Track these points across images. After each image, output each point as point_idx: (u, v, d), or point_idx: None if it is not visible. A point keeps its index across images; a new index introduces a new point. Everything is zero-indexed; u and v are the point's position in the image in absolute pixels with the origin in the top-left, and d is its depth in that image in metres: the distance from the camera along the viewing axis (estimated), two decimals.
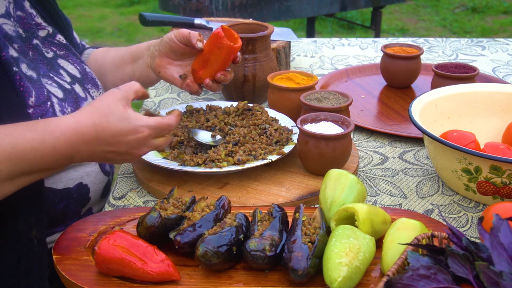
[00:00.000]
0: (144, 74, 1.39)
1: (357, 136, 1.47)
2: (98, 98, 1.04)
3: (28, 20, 1.25)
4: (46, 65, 1.24)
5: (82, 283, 0.91)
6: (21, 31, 1.22)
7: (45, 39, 1.28)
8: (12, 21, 1.19)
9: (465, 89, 1.38)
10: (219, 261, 0.91)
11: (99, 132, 1.00)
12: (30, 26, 1.25)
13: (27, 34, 1.23)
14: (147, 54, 1.38)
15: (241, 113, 1.35)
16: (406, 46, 1.72)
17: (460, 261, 0.78)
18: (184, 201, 1.05)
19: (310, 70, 1.91)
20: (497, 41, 2.21)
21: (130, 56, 1.42)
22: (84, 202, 1.26)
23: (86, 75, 1.32)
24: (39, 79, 1.18)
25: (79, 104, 1.24)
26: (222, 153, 1.21)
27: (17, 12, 1.22)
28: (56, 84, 1.22)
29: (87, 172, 1.25)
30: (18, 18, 1.22)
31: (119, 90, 1.05)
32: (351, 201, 1.03)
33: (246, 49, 1.51)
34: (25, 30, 1.23)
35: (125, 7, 6.80)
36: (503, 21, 6.21)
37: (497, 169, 1.08)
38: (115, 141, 1.02)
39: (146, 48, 1.39)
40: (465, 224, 1.13)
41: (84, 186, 1.24)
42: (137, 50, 1.42)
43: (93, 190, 1.27)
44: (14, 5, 1.21)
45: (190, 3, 3.58)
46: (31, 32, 1.24)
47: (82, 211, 1.27)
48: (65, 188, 1.20)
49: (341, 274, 0.86)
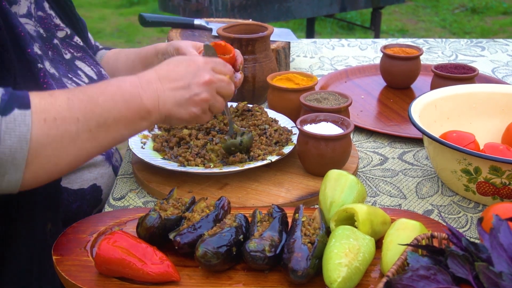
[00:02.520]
0: None
1: (356, 137, 1.47)
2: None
3: (48, 20, 1.26)
4: (65, 66, 1.25)
5: (82, 284, 0.91)
6: (42, 31, 1.23)
7: (63, 40, 1.29)
8: (33, 21, 1.20)
9: (465, 90, 1.38)
10: (218, 262, 0.91)
11: (158, 72, 1.04)
12: (50, 26, 1.26)
13: (48, 34, 1.24)
14: (157, 62, 1.38)
15: (240, 113, 1.35)
16: (405, 46, 1.73)
17: (460, 262, 0.78)
18: (183, 201, 1.05)
19: (310, 71, 1.91)
20: (496, 41, 2.21)
21: (140, 62, 1.44)
22: (96, 203, 1.27)
23: (102, 77, 1.34)
24: (60, 78, 1.19)
25: None
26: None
27: (38, 13, 1.22)
28: (75, 84, 1.23)
29: (101, 174, 1.26)
30: (39, 18, 1.22)
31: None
32: (351, 202, 1.03)
33: (246, 50, 1.51)
34: (46, 30, 1.24)
35: (124, 8, 6.80)
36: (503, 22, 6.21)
37: (497, 170, 1.08)
38: (176, 75, 1.04)
39: (155, 54, 1.40)
40: (464, 225, 1.13)
41: (97, 187, 1.25)
42: (146, 55, 1.43)
43: (106, 192, 1.29)
44: (35, 5, 1.22)
45: (190, 4, 3.58)
46: (51, 32, 1.25)
47: (94, 212, 1.28)
48: (80, 189, 1.21)
49: (340, 275, 0.86)
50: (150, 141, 1.31)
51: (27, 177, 0.91)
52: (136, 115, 1.00)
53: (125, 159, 1.36)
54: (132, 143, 1.28)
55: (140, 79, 1.01)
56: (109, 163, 1.33)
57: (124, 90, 0.99)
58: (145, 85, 1.01)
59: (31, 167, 0.90)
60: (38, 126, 0.90)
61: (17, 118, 0.88)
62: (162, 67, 1.05)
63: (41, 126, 0.90)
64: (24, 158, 0.89)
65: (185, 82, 1.04)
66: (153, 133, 1.34)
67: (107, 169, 1.29)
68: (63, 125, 0.92)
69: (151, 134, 1.34)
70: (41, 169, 0.92)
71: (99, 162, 1.30)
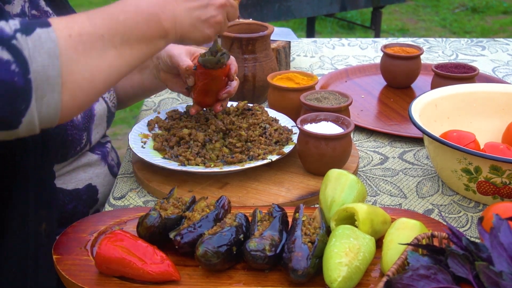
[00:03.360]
0: (153, 83, 1.42)
1: (357, 136, 1.47)
2: None
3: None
4: None
5: (82, 283, 0.91)
6: None
7: None
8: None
9: (465, 89, 1.38)
10: (219, 261, 0.91)
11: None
12: None
13: None
14: (152, 66, 1.39)
15: (241, 113, 1.35)
16: (406, 46, 1.72)
17: (460, 261, 0.78)
18: (184, 201, 1.05)
19: (310, 70, 1.91)
20: (497, 41, 2.21)
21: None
22: (92, 203, 1.26)
23: None
24: None
25: (93, 106, 1.26)
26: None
27: (32, 11, 1.22)
28: None
29: (96, 173, 1.25)
30: (33, 17, 1.22)
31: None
32: (351, 201, 1.03)
33: (246, 49, 1.51)
34: None
35: None
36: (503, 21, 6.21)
37: (497, 169, 1.08)
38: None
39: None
40: (465, 224, 1.13)
41: (93, 187, 1.25)
42: None
43: (102, 191, 1.28)
44: (29, 4, 1.22)
45: None
46: None
47: (90, 212, 1.28)
48: (75, 189, 1.21)
49: (341, 274, 0.86)
50: (151, 140, 1.31)
51: (66, 98, 0.89)
52: (155, 34, 1.00)
53: (125, 158, 1.36)
54: (132, 142, 1.28)
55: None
56: (104, 163, 1.32)
57: (143, 10, 0.98)
58: (162, 5, 1.00)
59: (67, 85, 0.88)
60: (64, 42, 0.88)
61: (42, 35, 0.86)
62: None
63: (67, 41, 0.89)
64: (58, 75, 0.87)
65: (203, 2, 1.05)
66: (154, 132, 1.34)
67: (103, 168, 1.29)
68: (90, 41, 0.91)
69: (151, 133, 1.34)
70: (77, 88, 0.90)
71: (94, 162, 1.29)
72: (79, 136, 1.21)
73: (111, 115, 1.35)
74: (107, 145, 1.38)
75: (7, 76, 0.83)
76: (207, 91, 1.28)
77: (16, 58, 0.84)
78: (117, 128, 3.83)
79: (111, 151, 1.40)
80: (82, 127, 1.22)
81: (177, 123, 1.33)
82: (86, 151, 1.28)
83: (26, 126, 0.87)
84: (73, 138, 1.19)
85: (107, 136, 1.42)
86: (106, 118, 1.33)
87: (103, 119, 1.31)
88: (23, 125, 0.87)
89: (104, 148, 1.35)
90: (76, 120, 1.20)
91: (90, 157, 1.28)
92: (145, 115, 1.59)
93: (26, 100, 0.85)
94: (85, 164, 1.26)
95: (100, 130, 1.31)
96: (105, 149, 1.35)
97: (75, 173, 1.22)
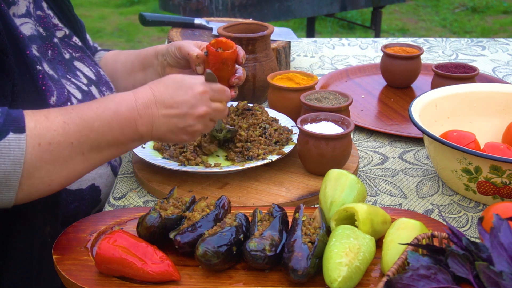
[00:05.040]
0: None
1: (357, 136, 1.47)
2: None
3: (47, 20, 1.26)
4: (64, 66, 1.25)
5: (82, 283, 0.91)
6: (42, 30, 1.23)
7: (62, 40, 1.29)
8: (32, 21, 1.20)
9: (465, 89, 1.38)
10: (219, 261, 0.91)
11: (156, 94, 1.05)
12: (49, 26, 1.25)
13: (47, 33, 1.24)
14: (157, 64, 1.39)
15: (241, 112, 1.35)
16: (406, 46, 1.72)
17: (460, 261, 0.78)
18: (184, 201, 1.05)
19: (310, 70, 1.91)
20: (497, 41, 2.21)
21: (140, 63, 1.43)
22: (95, 203, 1.27)
23: (100, 77, 1.33)
24: (59, 79, 1.18)
25: None
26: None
27: (37, 12, 1.22)
28: (74, 85, 1.23)
29: (99, 174, 1.26)
30: (38, 17, 1.22)
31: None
32: (351, 201, 1.03)
33: (246, 49, 1.51)
34: (45, 29, 1.24)
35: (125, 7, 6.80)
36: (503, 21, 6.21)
37: (497, 169, 1.08)
38: (173, 102, 1.05)
39: (154, 56, 1.39)
40: (465, 224, 1.13)
41: (96, 187, 1.25)
42: (145, 57, 1.42)
43: (104, 192, 1.28)
44: (34, 5, 1.22)
45: (190, 3, 3.58)
46: (51, 32, 1.25)
47: (92, 212, 1.28)
48: (78, 189, 1.21)
49: (341, 274, 0.86)
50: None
51: (20, 196, 0.95)
52: (129, 138, 1.03)
53: (125, 158, 1.36)
54: None
55: (137, 102, 1.03)
56: (107, 163, 1.33)
57: (121, 115, 1.01)
58: (141, 110, 1.03)
59: (24, 187, 0.94)
60: (32, 150, 0.92)
61: (12, 142, 0.91)
62: (159, 88, 1.06)
63: (35, 150, 0.93)
64: (17, 180, 0.92)
65: (181, 111, 1.06)
66: None
67: (106, 169, 1.29)
68: (57, 150, 0.95)
69: None
70: (34, 189, 0.95)
71: None
72: None
73: None
74: None
75: None
76: (218, 78, 1.28)
77: None
78: None
79: None
80: None
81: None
82: None
83: None
84: None
85: None
86: None
87: None
88: None
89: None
90: None
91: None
92: None
93: None
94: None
95: None
96: None
97: None
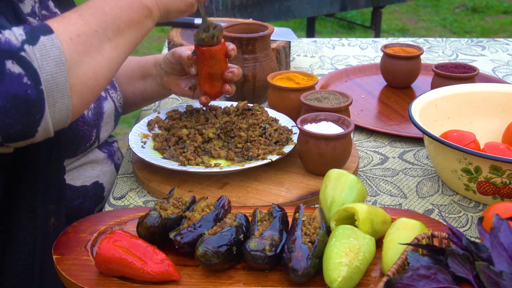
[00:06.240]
0: (155, 90, 1.44)
1: (357, 136, 1.47)
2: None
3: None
4: None
5: (82, 283, 0.91)
6: None
7: None
8: (37, 20, 1.20)
9: (465, 89, 1.38)
10: (219, 261, 0.91)
11: None
12: None
13: None
14: (155, 73, 1.41)
15: (241, 113, 1.35)
16: (406, 46, 1.72)
17: (460, 261, 0.78)
18: (184, 201, 1.05)
19: (310, 70, 1.91)
20: (497, 41, 2.21)
21: (139, 71, 1.45)
22: (98, 200, 1.27)
23: None
24: None
25: (101, 103, 1.28)
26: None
27: (42, 12, 1.23)
28: None
29: (103, 171, 1.27)
30: (43, 17, 1.23)
31: None
32: (351, 201, 1.03)
33: (246, 49, 1.51)
34: None
35: None
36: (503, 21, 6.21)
37: (497, 169, 1.08)
38: None
39: (153, 65, 1.41)
40: (465, 224, 1.13)
41: (100, 185, 1.26)
42: (145, 65, 1.44)
43: (108, 189, 1.30)
44: (39, 4, 1.23)
45: None
46: None
47: (96, 209, 1.29)
48: (82, 186, 1.22)
49: (341, 274, 0.86)
50: (150, 140, 1.31)
51: (75, 100, 0.94)
52: (140, 15, 1.04)
53: (126, 158, 1.36)
54: (132, 142, 1.28)
55: None
56: (111, 161, 1.34)
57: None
58: None
59: (74, 88, 0.93)
60: (67, 46, 0.93)
61: (47, 43, 0.90)
62: None
63: (69, 45, 0.93)
64: (66, 81, 0.92)
65: None
66: (153, 132, 1.34)
67: (109, 166, 1.30)
68: (87, 40, 0.96)
69: (151, 133, 1.34)
70: (84, 88, 0.95)
71: (102, 160, 1.31)
72: (89, 132, 1.24)
73: (118, 115, 1.38)
74: (114, 144, 1.41)
75: (20, 89, 0.87)
76: (211, 75, 1.28)
77: (27, 71, 0.87)
78: (117, 128, 3.83)
79: (118, 151, 1.42)
80: (92, 123, 1.24)
81: (177, 123, 1.33)
82: (94, 148, 1.30)
83: (42, 133, 0.92)
84: (83, 134, 1.22)
85: (114, 136, 1.44)
86: (114, 117, 1.35)
87: (111, 118, 1.34)
88: (39, 133, 0.92)
89: (111, 147, 1.37)
90: (87, 116, 1.23)
91: (97, 154, 1.31)
92: (145, 115, 1.59)
93: (40, 110, 0.89)
94: (93, 161, 1.28)
95: (108, 128, 1.33)
96: (112, 148, 1.38)
97: (83, 170, 1.25)
